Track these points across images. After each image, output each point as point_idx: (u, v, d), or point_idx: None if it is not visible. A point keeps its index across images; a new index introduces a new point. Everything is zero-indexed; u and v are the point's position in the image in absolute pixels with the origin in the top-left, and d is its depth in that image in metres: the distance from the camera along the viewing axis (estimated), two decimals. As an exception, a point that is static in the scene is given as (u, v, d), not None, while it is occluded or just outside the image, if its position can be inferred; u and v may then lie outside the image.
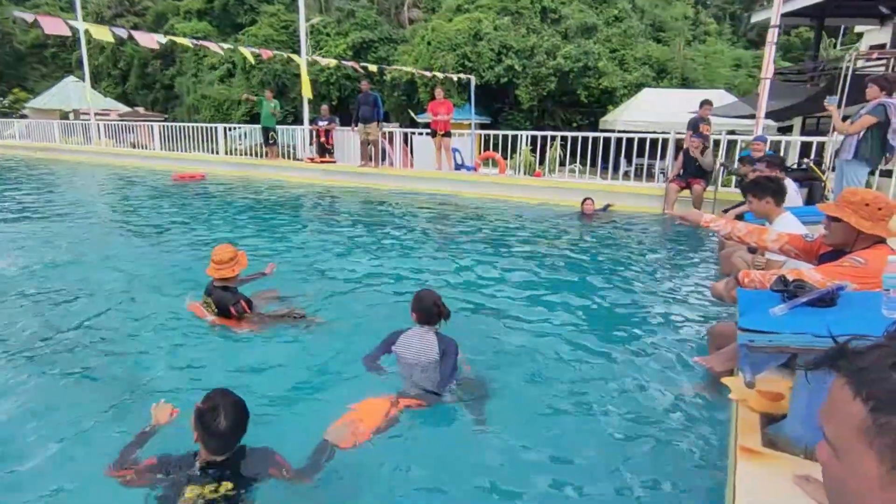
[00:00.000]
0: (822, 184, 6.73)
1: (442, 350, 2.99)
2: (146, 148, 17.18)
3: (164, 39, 11.45)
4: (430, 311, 3.04)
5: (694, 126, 8.61)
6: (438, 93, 11.31)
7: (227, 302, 3.81)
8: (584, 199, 8.49)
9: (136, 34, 11.22)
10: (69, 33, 10.50)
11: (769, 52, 8.60)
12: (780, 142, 9.25)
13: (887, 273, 1.69)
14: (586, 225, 8.05)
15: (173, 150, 16.14)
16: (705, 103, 8.80)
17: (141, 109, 29.35)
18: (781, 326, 1.71)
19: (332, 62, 15.73)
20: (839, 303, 1.82)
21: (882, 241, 2.39)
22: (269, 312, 4.06)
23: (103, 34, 10.98)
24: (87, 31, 12.11)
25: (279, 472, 2.09)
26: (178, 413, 2.37)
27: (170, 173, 13.23)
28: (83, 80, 19.46)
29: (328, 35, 26.17)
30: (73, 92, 26.03)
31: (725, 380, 2.40)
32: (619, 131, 11.35)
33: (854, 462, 0.64)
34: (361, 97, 11.82)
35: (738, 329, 1.77)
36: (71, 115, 24.63)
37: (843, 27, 22.38)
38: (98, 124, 18.36)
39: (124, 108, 27.16)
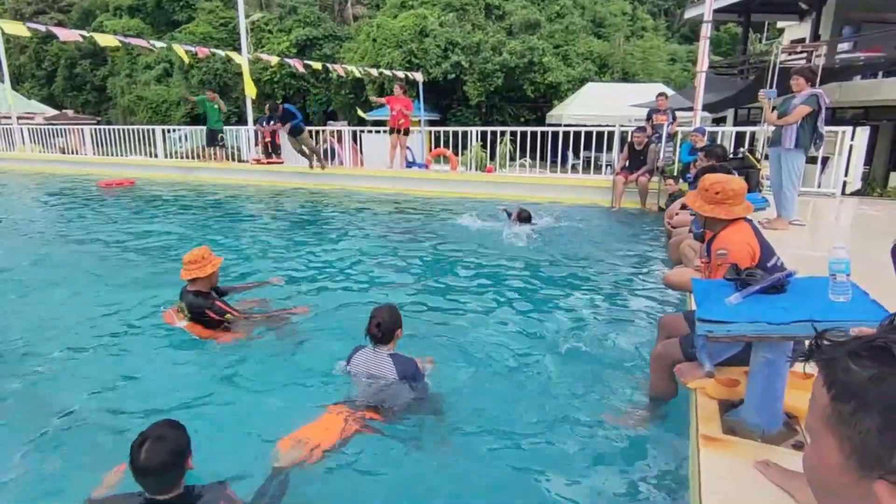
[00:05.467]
0: (758, 171, 7.06)
1: (401, 372, 2.81)
2: (77, 153, 16.16)
3: (87, 34, 10.65)
4: (368, 329, 2.87)
5: (648, 116, 9.23)
6: (397, 90, 11.17)
7: (201, 306, 3.67)
8: (519, 211, 7.43)
9: (56, 30, 10.42)
10: None
11: (703, 47, 8.96)
12: (715, 132, 9.67)
13: (832, 258, 1.76)
14: (538, 219, 8.13)
15: (107, 155, 15.27)
16: (660, 95, 9.34)
17: (70, 112, 27.55)
18: (738, 316, 1.76)
19: (275, 60, 15.28)
20: (788, 289, 1.89)
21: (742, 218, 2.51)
22: (249, 314, 3.94)
23: (18, 30, 10.17)
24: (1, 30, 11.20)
25: None
26: None
27: (103, 179, 12.49)
28: (2, 81, 18.11)
29: (270, 32, 25.45)
30: (-8, 94, 24.19)
31: (679, 367, 2.46)
32: (565, 125, 11.56)
33: (821, 449, 0.65)
34: (279, 115, 11.14)
35: (697, 320, 1.81)
36: (-10, 120, 22.87)
37: (766, 23, 23.69)
38: (21, 129, 17.14)
39: (51, 111, 25.40)
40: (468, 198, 9.97)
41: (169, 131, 15.43)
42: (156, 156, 14.69)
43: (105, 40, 10.87)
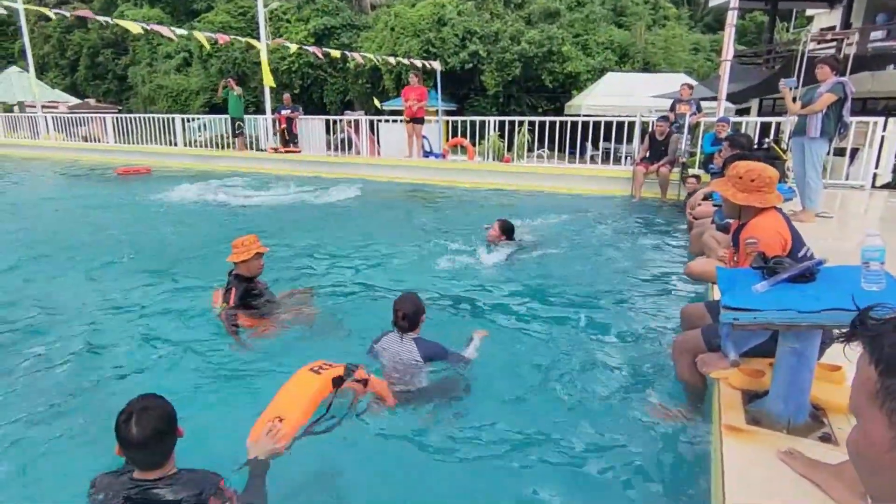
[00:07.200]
0: (784, 162, 6.89)
1: (425, 355, 2.88)
2: (99, 141, 16.42)
3: (111, 21, 10.99)
4: (395, 321, 2.94)
5: (672, 106, 9.12)
6: (412, 79, 11.13)
7: (227, 286, 3.79)
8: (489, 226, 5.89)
9: (83, 13, 10.72)
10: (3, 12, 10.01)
11: (729, 35, 8.75)
12: (739, 123, 9.47)
13: (866, 246, 1.70)
14: (557, 210, 8.03)
15: (128, 143, 15.49)
16: (684, 85, 9.26)
17: (92, 101, 27.95)
18: (765, 304, 1.70)
19: (294, 47, 15.29)
20: (818, 277, 1.83)
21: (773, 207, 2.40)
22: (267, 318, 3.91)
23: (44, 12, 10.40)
24: (28, 17, 11.45)
25: None
26: None
27: (124, 167, 12.70)
28: (27, 70, 18.43)
29: (288, 21, 25.46)
30: (17, 83, 24.63)
31: (701, 357, 2.40)
32: (584, 116, 11.40)
33: (868, 426, 0.65)
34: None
35: (722, 307, 1.76)
36: (15, 108, 23.32)
37: (794, 11, 23.03)
38: (46, 117, 17.45)
39: (74, 100, 25.81)
40: (487, 188, 9.91)
41: (188, 120, 15.58)
42: (175, 144, 14.85)
43: (130, 26, 11.20)
